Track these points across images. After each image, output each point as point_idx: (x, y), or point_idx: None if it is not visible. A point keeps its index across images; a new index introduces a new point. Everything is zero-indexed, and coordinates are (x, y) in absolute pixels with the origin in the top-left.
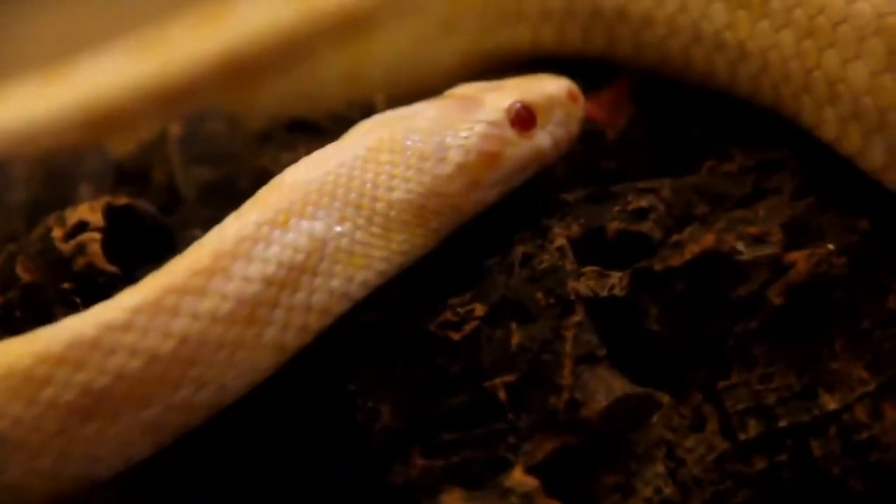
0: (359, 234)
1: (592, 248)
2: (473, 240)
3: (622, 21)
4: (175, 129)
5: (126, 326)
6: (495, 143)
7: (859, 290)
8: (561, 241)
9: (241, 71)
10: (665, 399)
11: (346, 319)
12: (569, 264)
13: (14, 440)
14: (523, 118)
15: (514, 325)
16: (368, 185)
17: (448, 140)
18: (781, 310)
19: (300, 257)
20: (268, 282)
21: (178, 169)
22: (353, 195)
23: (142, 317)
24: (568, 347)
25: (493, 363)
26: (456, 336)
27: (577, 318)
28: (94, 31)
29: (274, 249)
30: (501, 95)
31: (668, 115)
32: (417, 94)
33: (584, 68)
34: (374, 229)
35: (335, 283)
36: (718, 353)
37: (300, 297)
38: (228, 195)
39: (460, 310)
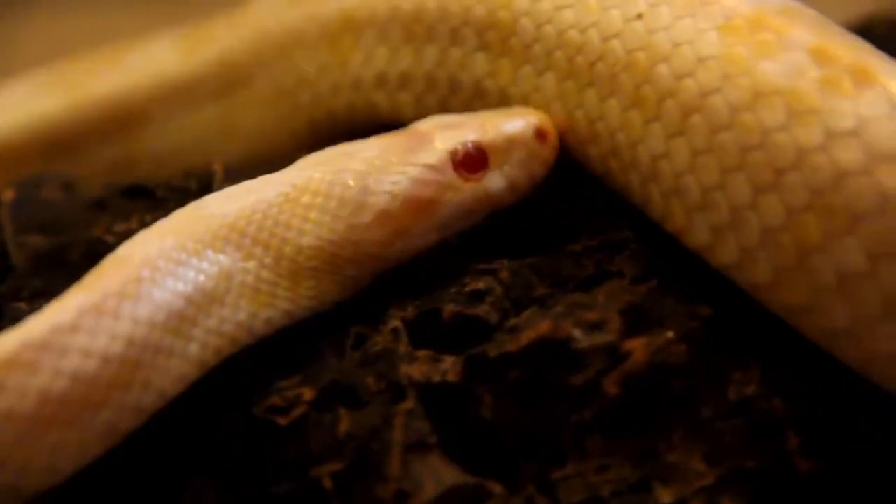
0: (265, 273)
1: (427, 331)
2: (308, 316)
3: (381, 86)
4: (8, 195)
5: (74, 328)
6: (430, 188)
7: (699, 378)
8: (396, 323)
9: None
10: (497, 489)
11: (175, 399)
12: (402, 347)
13: None
14: (472, 160)
15: (342, 411)
16: (280, 227)
17: (372, 185)
18: (618, 399)
19: (210, 284)
20: (187, 300)
21: (9, 236)
22: (263, 234)
23: (88, 318)
24: (397, 435)
25: (320, 450)
26: (283, 421)
27: (408, 404)
28: (89, 36)
29: (189, 273)
30: (454, 134)
31: None
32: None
33: None
34: (282, 271)
35: (241, 315)
36: (553, 442)
37: (212, 322)
38: (60, 265)
39: (288, 394)
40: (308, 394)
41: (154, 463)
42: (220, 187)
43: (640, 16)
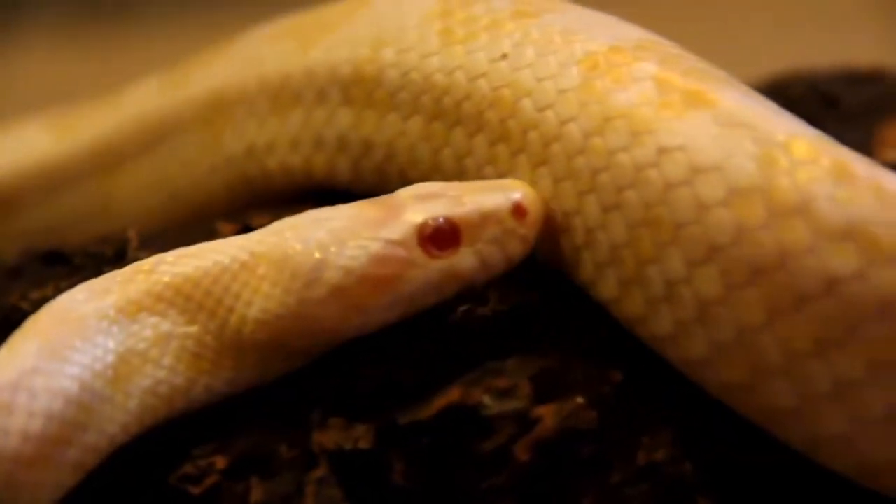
0: (209, 339)
1: (340, 398)
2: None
3: (251, 157)
4: None
5: (35, 370)
6: (390, 265)
7: (609, 444)
8: (309, 391)
9: None
10: None
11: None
12: (315, 415)
13: None
14: (442, 236)
15: (255, 480)
16: (229, 296)
17: (329, 258)
18: (529, 465)
19: (142, 346)
20: (120, 358)
21: None
22: (210, 301)
23: (45, 361)
24: (309, 503)
25: None
26: (196, 490)
27: (320, 472)
28: (84, 80)
29: (121, 334)
30: (426, 207)
31: None
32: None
33: None
34: (226, 340)
35: (178, 380)
36: None
37: (146, 382)
38: None
39: (201, 462)
40: (221, 462)
41: None
42: (136, 254)
43: (504, 56)
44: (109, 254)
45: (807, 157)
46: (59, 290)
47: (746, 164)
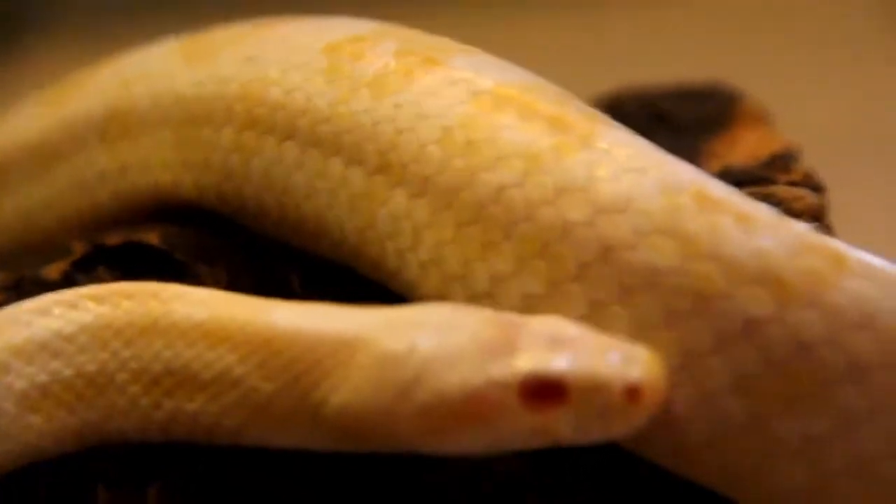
0: (282, 400)
1: None
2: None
3: (28, 221)
4: None
5: (70, 338)
6: (484, 406)
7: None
8: None
9: None
10: None
11: None
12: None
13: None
14: (547, 393)
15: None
16: (320, 370)
17: (427, 377)
18: None
19: (206, 375)
20: (166, 369)
21: None
22: (298, 367)
23: (84, 337)
24: None
25: None
26: None
27: None
28: None
29: (187, 353)
30: (541, 357)
31: None
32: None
33: None
34: (304, 407)
35: (229, 422)
36: None
37: (190, 407)
38: None
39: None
40: None
41: None
42: None
43: (249, 59)
44: None
45: (505, 100)
46: None
47: (458, 108)
